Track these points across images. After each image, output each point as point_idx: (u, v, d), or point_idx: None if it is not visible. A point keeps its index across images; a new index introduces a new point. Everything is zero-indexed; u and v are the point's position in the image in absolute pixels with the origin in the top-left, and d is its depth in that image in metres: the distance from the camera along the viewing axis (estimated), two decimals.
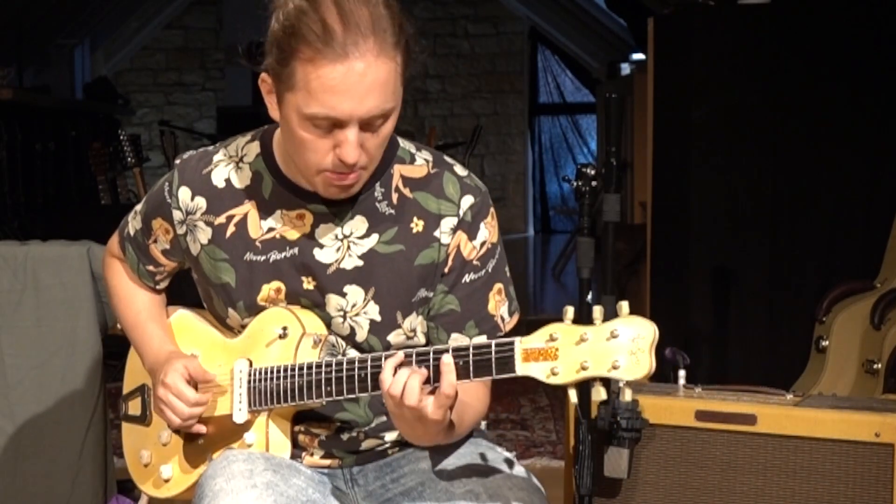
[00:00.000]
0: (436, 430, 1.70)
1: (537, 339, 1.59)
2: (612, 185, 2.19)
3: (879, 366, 3.32)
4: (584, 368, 1.55)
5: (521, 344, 1.60)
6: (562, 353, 1.57)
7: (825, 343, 3.54)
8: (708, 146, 3.92)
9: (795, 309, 3.81)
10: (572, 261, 8.19)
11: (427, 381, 1.65)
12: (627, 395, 1.65)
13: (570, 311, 1.59)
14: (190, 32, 10.93)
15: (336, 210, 1.81)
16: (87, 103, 8.42)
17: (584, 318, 1.61)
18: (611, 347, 1.54)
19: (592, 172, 2.13)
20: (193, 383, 1.85)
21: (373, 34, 1.62)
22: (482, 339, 1.77)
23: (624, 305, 1.56)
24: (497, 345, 1.62)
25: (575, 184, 2.14)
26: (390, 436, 1.89)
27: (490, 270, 1.85)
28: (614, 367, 1.54)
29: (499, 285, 1.87)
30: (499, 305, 1.87)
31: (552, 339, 1.58)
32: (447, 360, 1.63)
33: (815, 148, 3.86)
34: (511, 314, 1.89)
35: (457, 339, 1.83)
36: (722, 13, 3.93)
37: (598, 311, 1.57)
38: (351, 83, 1.62)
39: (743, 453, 2.17)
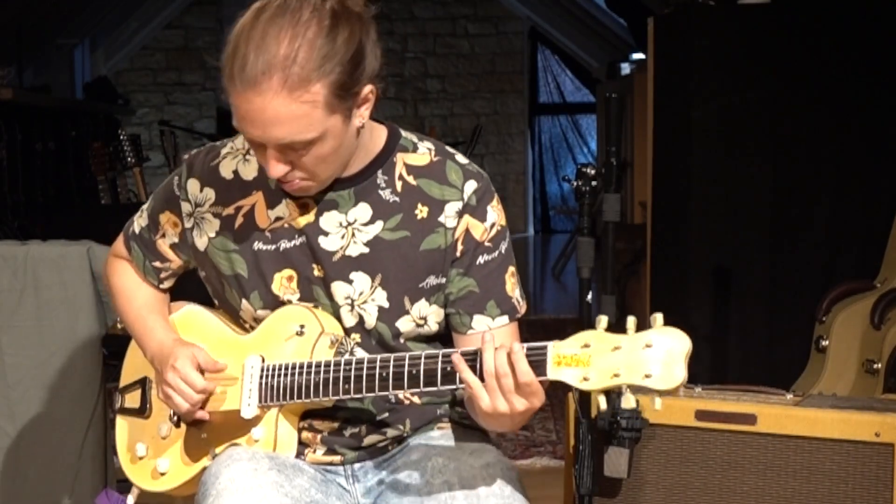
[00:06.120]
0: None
1: (571, 345, 1.61)
2: (612, 185, 2.19)
3: (879, 366, 3.32)
4: (616, 376, 1.57)
5: (554, 348, 1.62)
6: (595, 361, 1.59)
7: (825, 343, 3.54)
8: (708, 146, 3.91)
9: (795, 309, 3.80)
10: (572, 261, 8.19)
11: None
12: (657, 404, 1.65)
13: (603, 321, 1.61)
14: (190, 32, 10.92)
15: (339, 198, 1.83)
16: (87, 103, 8.41)
17: (585, 317, 1.62)
18: (645, 357, 1.56)
19: (592, 172, 2.13)
20: (200, 371, 1.85)
21: (281, 70, 1.62)
22: (504, 319, 1.84)
23: (658, 317, 1.59)
24: (529, 348, 1.63)
25: (575, 184, 2.14)
26: (392, 432, 1.90)
27: (503, 252, 1.88)
28: (647, 377, 1.56)
29: (512, 268, 1.90)
30: (514, 287, 1.89)
31: (586, 345, 1.60)
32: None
33: (815, 148, 3.86)
34: (523, 298, 1.91)
35: (479, 322, 1.84)
36: (722, 13, 3.92)
37: (631, 321, 1.59)
38: (253, 114, 1.65)
39: (743, 453, 2.17)
